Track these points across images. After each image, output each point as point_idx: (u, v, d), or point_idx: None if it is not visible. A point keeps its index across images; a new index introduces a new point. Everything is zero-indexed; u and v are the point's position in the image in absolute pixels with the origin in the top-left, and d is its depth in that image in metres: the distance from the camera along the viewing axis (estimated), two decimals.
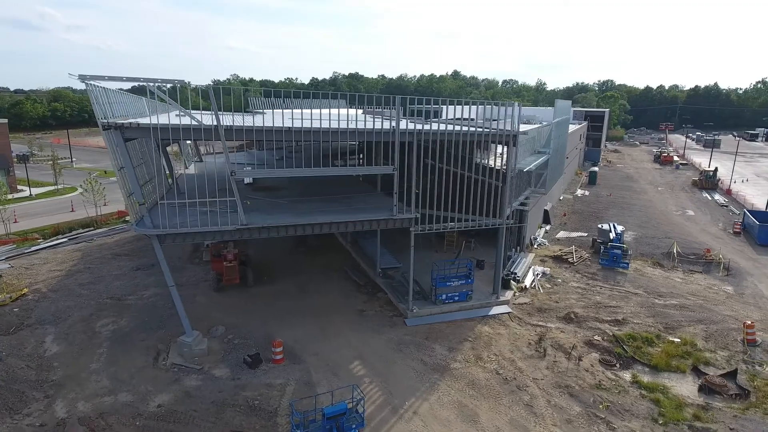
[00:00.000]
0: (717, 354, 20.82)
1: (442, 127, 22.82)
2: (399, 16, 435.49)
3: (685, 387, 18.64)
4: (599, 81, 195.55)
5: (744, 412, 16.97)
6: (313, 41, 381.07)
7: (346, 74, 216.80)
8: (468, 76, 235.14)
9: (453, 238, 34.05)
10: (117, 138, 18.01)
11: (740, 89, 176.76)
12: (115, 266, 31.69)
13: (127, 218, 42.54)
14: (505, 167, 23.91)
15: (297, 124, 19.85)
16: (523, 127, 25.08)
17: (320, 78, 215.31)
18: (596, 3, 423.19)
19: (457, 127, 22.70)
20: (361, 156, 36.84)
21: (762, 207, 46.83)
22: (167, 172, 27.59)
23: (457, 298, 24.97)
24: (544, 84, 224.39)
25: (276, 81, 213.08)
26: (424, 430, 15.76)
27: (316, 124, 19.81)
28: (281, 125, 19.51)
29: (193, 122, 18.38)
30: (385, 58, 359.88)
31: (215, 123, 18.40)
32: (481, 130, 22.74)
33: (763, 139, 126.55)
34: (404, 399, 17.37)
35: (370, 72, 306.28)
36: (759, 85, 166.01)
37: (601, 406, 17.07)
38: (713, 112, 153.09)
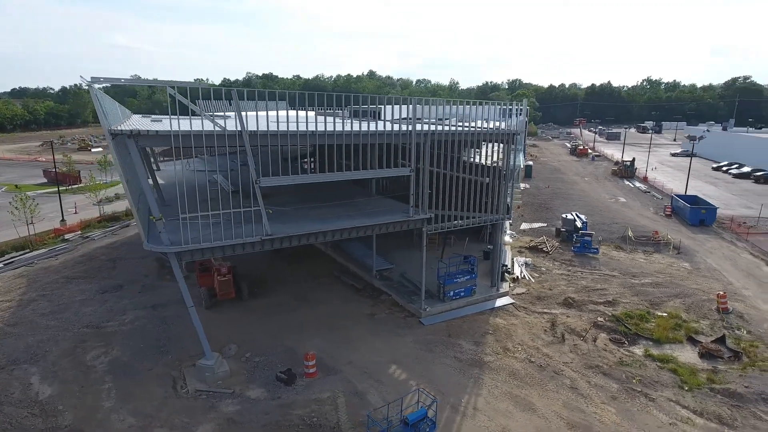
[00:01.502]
0: (701, 323, 23.44)
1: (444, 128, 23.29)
2: (311, 16, 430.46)
3: (688, 355, 20.82)
4: (509, 80, 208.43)
5: (744, 371, 19.36)
6: (220, 41, 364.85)
7: (260, 75, 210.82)
8: (384, 76, 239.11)
9: (435, 237, 34.68)
10: (130, 147, 16.26)
11: (626, 87, 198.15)
12: (76, 291, 28.34)
13: (68, 236, 38.22)
14: (500, 165, 24.94)
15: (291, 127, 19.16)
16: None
17: (232, 78, 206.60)
18: (499, 5, 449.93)
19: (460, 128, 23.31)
20: (312, 159, 36.38)
21: (678, 191, 53.04)
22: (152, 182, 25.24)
23: (463, 294, 25.62)
24: (458, 83, 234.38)
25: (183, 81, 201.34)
26: (491, 423, 16.11)
27: (302, 127, 19.11)
28: (305, 129, 18.81)
29: (217, 128, 17.10)
30: (294, 58, 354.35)
31: (239, 128, 17.32)
32: (485, 129, 23.50)
33: (652, 130, 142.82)
34: (458, 396, 17.59)
35: (284, 72, 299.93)
36: (644, 83, 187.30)
37: (634, 381, 18.57)
38: (608, 108, 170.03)
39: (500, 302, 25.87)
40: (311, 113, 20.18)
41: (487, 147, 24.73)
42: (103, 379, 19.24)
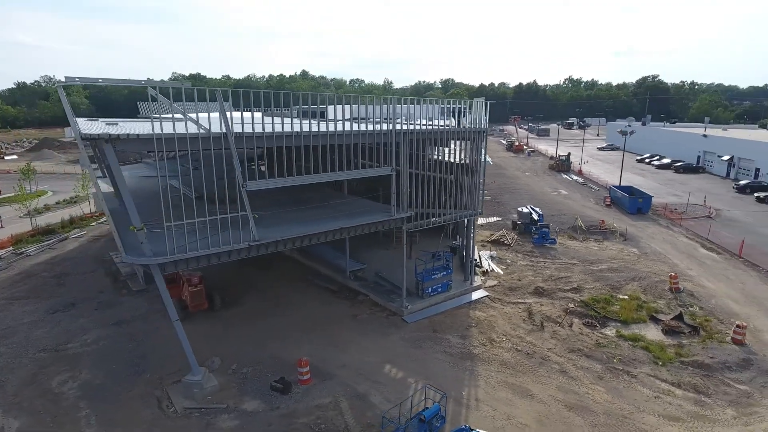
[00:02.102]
0: (658, 303, 25.48)
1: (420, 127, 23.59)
2: (219, 14, 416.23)
3: (653, 333, 22.58)
4: (441, 79, 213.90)
5: (704, 343, 21.32)
6: (137, 39, 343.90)
7: (187, 74, 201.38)
8: (317, 76, 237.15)
9: (400, 235, 34.94)
10: (108, 152, 15.08)
11: (550, 85, 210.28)
12: (21, 313, 25.75)
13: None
14: (466, 162, 25.64)
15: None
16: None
17: (158, 78, 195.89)
18: (426, 5, 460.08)
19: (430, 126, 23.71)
20: (262, 162, 35.56)
21: (611, 183, 57.08)
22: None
23: (440, 290, 26.11)
24: (391, 83, 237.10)
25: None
26: (495, 413, 16.60)
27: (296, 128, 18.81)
28: (290, 131, 18.37)
29: (201, 130, 16.26)
30: (218, 57, 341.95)
31: (224, 130, 16.59)
32: (460, 128, 24.08)
33: (577, 127, 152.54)
34: (458, 390, 17.94)
35: (212, 72, 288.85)
36: (566, 83, 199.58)
37: (615, 360, 19.87)
38: (535, 106, 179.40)
39: (476, 295, 26.64)
40: (257, 114, 19.73)
41: (456, 145, 25.32)
42: (78, 406, 17.68)
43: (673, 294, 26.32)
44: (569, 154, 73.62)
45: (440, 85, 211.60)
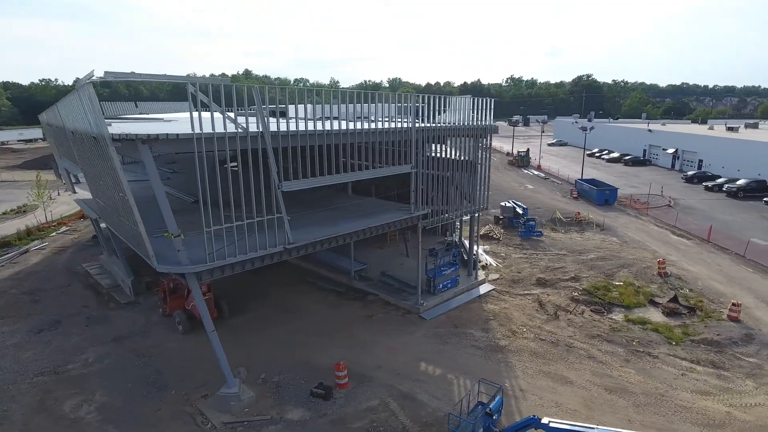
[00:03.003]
0: (651, 287, 27.12)
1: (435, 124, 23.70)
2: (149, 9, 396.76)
3: (656, 315, 24.02)
4: (389, 78, 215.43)
5: (704, 322, 22.96)
6: (57, 37, 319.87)
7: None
8: (261, 75, 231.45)
9: (394, 234, 34.99)
10: (144, 154, 14.02)
11: (493, 84, 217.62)
12: (0, 335, 23.36)
13: None
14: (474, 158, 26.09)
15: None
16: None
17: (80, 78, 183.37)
18: (373, 6, 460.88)
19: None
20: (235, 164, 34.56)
21: (571, 177, 60.01)
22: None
23: (450, 285, 26.39)
24: (338, 82, 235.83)
25: (25, 83, 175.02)
26: (543, 401, 17.03)
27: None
28: (323, 129, 17.91)
29: (239, 129, 15.46)
30: (151, 56, 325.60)
31: (260, 129, 15.91)
32: (470, 125, 24.39)
33: (522, 123, 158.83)
34: (499, 382, 18.19)
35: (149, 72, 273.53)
36: (509, 82, 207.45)
37: (634, 343, 20.95)
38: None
39: (483, 289, 27.14)
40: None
41: (465, 141, 25.62)
42: (105, 430, 16.29)
43: (662, 278, 28.10)
44: (528, 150, 76.53)
45: (387, 84, 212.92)
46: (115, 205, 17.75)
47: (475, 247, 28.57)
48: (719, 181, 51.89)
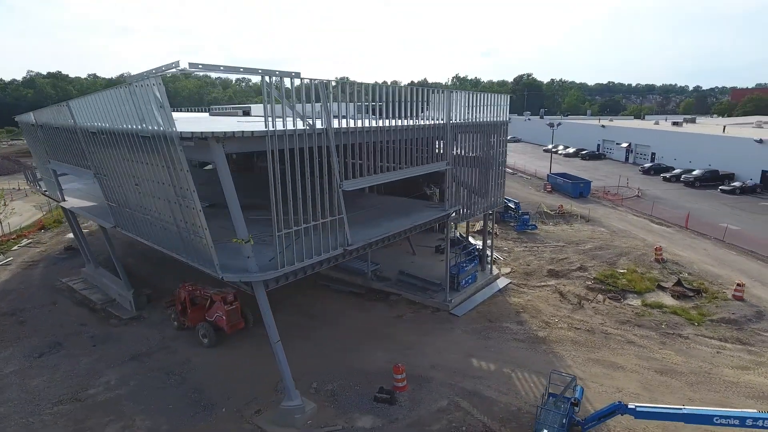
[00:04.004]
0: (653, 273, 28.69)
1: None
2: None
3: (667, 299, 25.44)
4: (337, 78, 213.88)
5: (712, 303, 24.59)
6: None
7: (45, 74, 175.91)
8: (201, 75, 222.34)
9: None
10: (216, 153, 12.99)
11: (438, 83, 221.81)
12: None
13: None
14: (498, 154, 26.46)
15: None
16: None
17: (8, 79, 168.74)
18: (304, 4, 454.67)
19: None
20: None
21: (536, 171, 62.38)
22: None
23: (470, 281, 26.55)
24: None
25: None
26: (604, 388, 17.47)
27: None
28: (384, 125, 17.44)
29: (306, 125, 14.68)
30: (73, 54, 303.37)
31: (325, 125, 15.23)
32: (493, 120, 24.64)
33: None
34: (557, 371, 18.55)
35: (74, 71, 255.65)
36: (454, 81, 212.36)
37: (663, 326, 22.04)
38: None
39: (501, 283, 27.54)
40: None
41: (487, 138, 25.83)
42: None
43: (660, 264, 29.81)
44: None
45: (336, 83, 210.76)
46: (155, 213, 16.28)
47: (489, 242, 28.90)
48: (675, 172, 55.93)
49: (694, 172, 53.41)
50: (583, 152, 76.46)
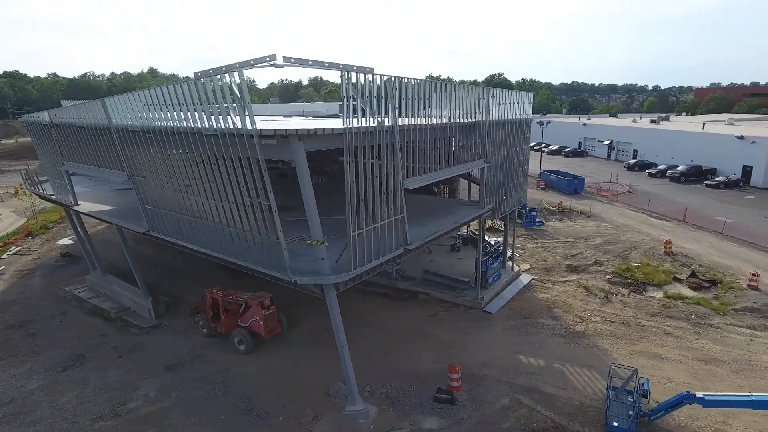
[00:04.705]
0: (665, 266, 29.57)
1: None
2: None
3: (686, 290, 26.24)
4: (310, 77, 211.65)
5: (729, 293, 25.51)
6: None
7: (1, 73, 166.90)
8: (168, 74, 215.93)
9: None
10: (297, 151, 12.54)
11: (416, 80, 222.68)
12: (11, 378, 19.61)
13: None
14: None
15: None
16: None
17: None
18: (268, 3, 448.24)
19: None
20: None
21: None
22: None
23: (496, 278, 26.67)
24: (254, 81, 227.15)
25: None
26: (654, 378, 17.60)
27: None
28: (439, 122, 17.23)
29: (378, 122, 14.35)
30: (29, 53, 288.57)
31: (390, 122, 14.93)
32: (522, 117, 24.81)
33: None
34: (601, 364, 18.78)
35: (32, 70, 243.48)
36: (428, 79, 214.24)
37: (693, 317, 22.69)
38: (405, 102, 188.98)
39: (524, 279, 27.78)
40: None
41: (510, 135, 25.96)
42: None
43: (670, 257, 30.74)
44: None
45: (307, 83, 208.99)
46: (209, 215, 15.55)
47: (510, 240, 29.10)
48: (660, 167, 57.94)
49: (679, 168, 55.49)
50: (566, 150, 78.27)
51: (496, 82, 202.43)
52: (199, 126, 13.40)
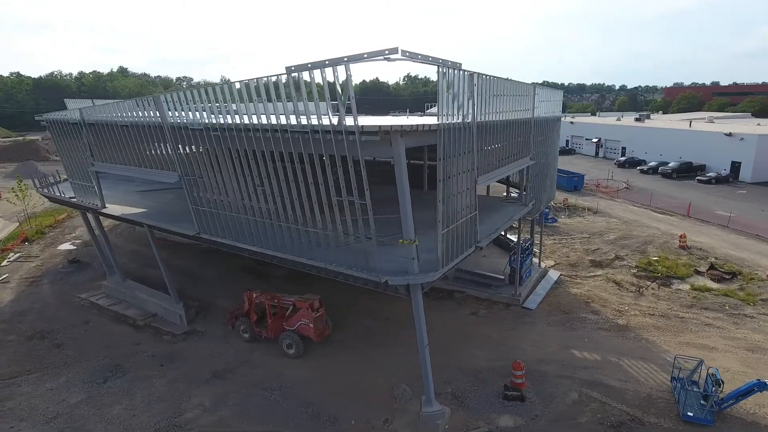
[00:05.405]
0: (683, 259, 30.42)
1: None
2: None
3: (709, 283, 27.05)
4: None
5: (750, 284, 26.42)
6: None
7: None
8: (140, 73, 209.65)
9: None
10: (397, 147, 12.27)
11: (390, 82, 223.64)
12: (48, 391, 18.62)
13: None
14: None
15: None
16: None
17: None
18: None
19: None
20: None
21: None
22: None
23: (528, 275, 26.87)
24: (228, 79, 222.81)
25: None
26: (712, 367, 18.28)
27: None
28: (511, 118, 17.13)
29: (463, 118, 14.16)
30: None
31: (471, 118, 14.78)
32: (554, 114, 25.04)
33: None
34: (655, 356, 19.16)
35: None
36: (406, 80, 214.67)
37: (726, 308, 23.38)
38: (381, 101, 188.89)
39: (553, 275, 28.08)
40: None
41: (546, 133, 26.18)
42: None
43: (686, 251, 31.64)
44: None
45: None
46: (282, 215, 15.05)
47: (537, 237, 29.34)
48: (652, 164, 59.70)
49: (670, 164, 57.30)
50: None
51: None
52: (290, 123, 12.92)
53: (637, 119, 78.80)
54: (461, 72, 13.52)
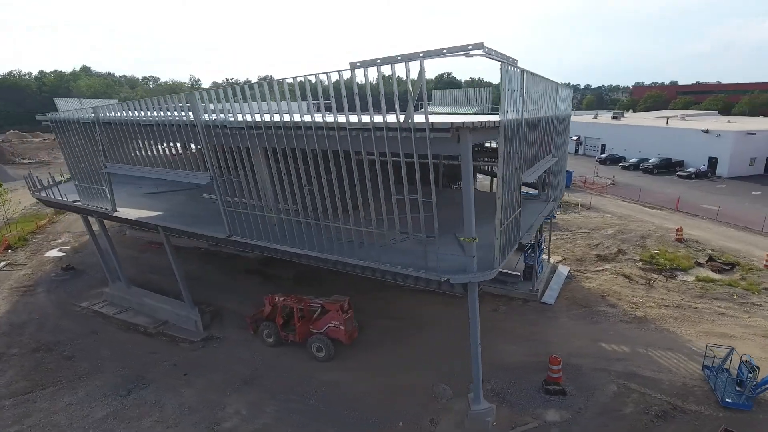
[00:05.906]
0: (681, 251, 31.47)
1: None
2: None
3: (710, 274, 28.07)
4: (260, 75, 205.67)
5: (749, 273, 27.56)
6: None
7: None
8: (104, 72, 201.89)
9: None
10: (464, 144, 12.18)
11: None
12: (68, 406, 17.69)
13: None
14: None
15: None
16: None
17: None
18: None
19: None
20: None
21: None
22: None
23: (541, 270, 27.24)
24: (199, 81, 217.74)
25: None
26: (745, 354, 18.92)
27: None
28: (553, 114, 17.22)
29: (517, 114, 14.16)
30: None
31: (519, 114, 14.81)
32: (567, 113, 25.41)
33: None
34: (684, 346, 19.70)
35: None
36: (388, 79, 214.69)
37: (735, 297, 24.27)
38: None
39: (563, 271, 28.54)
40: None
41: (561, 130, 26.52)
42: None
43: (683, 243, 32.73)
44: None
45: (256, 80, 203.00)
46: (331, 215, 14.68)
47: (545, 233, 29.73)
48: (633, 161, 61.60)
49: (651, 161, 59.27)
50: None
51: (446, 81, 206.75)
52: (348, 120, 12.60)
53: (613, 117, 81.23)
54: (517, 69, 13.50)
